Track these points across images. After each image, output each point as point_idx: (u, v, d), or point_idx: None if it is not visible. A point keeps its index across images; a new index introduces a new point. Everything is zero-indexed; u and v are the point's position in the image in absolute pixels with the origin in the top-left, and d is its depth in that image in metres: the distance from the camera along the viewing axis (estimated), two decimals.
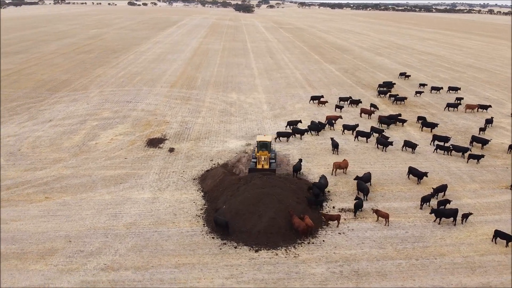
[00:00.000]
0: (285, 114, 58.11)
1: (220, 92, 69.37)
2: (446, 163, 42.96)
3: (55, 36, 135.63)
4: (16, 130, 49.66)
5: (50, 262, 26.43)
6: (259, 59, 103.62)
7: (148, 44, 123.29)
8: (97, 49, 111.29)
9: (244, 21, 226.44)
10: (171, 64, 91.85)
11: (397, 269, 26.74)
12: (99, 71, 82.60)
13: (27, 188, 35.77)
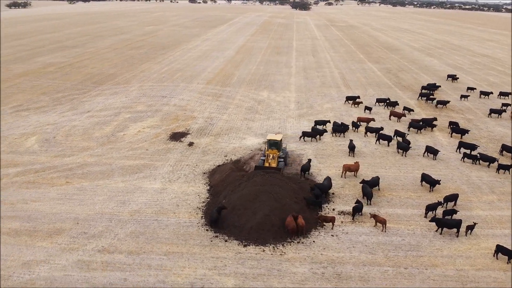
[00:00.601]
0: (310, 114, 57.94)
1: (252, 90, 70.44)
2: (468, 172, 40.84)
3: (112, 32, 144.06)
4: (56, 119, 54.10)
5: (55, 240, 29.05)
6: (301, 57, 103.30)
7: (197, 41, 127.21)
8: (148, 45, 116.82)
9: (297, 19, 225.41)
10: (213, 62, 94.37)
11: (381, 276, 26.29)
12: (144, 67, 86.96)
13: (52, 173, 39.17)
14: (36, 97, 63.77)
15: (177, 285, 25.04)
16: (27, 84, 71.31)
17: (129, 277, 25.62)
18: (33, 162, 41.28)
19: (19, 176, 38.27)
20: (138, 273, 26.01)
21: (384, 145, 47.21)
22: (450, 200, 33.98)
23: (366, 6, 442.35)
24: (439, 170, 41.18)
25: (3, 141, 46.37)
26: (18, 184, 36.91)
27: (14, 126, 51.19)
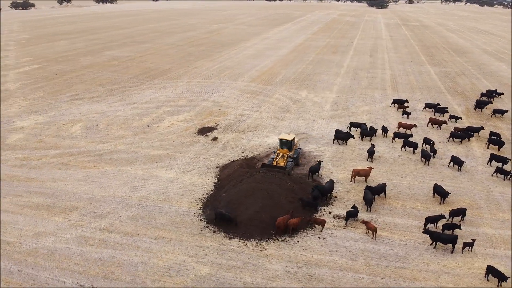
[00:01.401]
0: (344, 116, 57.12)
1: (292, 89, 70.83)
2: (491, 187, 38.03)
3: (181, 29, 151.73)
4: (104, 108, 59.34)
5: (67, 216, 32.67)
6: (356, 57, 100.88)
7: (256, 40, 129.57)
8: (209, 43, 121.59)
9: (368, 17, 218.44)
10: (264, 60, 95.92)
11: (354, 283, 26.07)
12: (198, 64, 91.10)
13: (85, 157, 43.52)
14: (93, 87, 70.24)
15: (156, 267, 27.11)
16: (89, 75, 78.62)
17: (117, 255, 28.21)
18: (71, 146, 46.13)
19: (56, 158, 43.12)
20: (126, 253, 28.51)
21: (410, 152, 45.40)
22: (456, 214, 32.16)
23: (450, 5, 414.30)
24: (460, 182, 38.85)
25: (53, 126, 52.16)
26: (53, 164, 41.67)
27: (66, 113, 57.21)
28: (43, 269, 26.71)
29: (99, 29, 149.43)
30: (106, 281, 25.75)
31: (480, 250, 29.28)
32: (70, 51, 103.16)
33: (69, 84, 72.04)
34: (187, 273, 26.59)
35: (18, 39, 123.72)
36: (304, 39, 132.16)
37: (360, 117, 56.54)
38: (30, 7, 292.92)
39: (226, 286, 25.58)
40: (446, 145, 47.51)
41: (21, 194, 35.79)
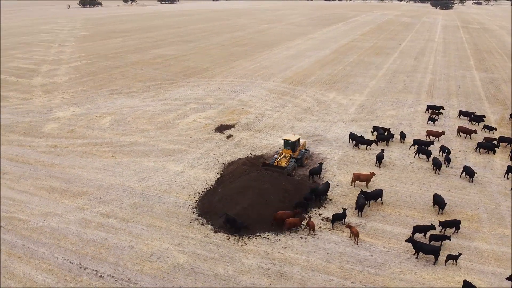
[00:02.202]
0: (366, 119, 56.19)
1: (322, 90, 70.55)
2: (501, 200, 36.00)
3: (230, 29, 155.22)
4: (137, 103, 63.09)
5: (76, 200, 35.79)
6: (400, 59, 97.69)
7: (301, 40, 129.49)
8: (253, 43, 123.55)
9: (426, 18, 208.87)
10: (302, 61, 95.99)
11: (322, 284, 26.33)
12: (236, 63, 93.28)
13: (106, 147, 46.94)
14: (132, 83, 74.68)
15: (140, 253, 29.13)
16: (132, 72, 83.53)
17: (109, 238, 30.62)
18: (97, 137, 49.88)
19: (81, 147, 46.94)
20: (118, 237, 30.84)
21: (424, 159, 43.95)
22: (448, 225, 31.02)
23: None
24: (467, 193, 37.17)
25: (86, 117, 56.55)
26: (77, 153, 45.45)
27: (101, 106, 61.62)
28: (42, 245, 29.74)
29: (153, 27, 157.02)
30: (92, 261, 28.17)
31: (465, 264, 28.17)
32: (121, 48, 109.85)
33: (111, 80, 77.17)
34: (166, 260, 28.34)
35: (78, 35, 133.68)
36: (350, 40, 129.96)
37: (383, 122, 55.39)
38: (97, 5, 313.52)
39: (199, 275, 26.98)
40: (465, 154, 45.40)
41: (41, 178, 39.64)
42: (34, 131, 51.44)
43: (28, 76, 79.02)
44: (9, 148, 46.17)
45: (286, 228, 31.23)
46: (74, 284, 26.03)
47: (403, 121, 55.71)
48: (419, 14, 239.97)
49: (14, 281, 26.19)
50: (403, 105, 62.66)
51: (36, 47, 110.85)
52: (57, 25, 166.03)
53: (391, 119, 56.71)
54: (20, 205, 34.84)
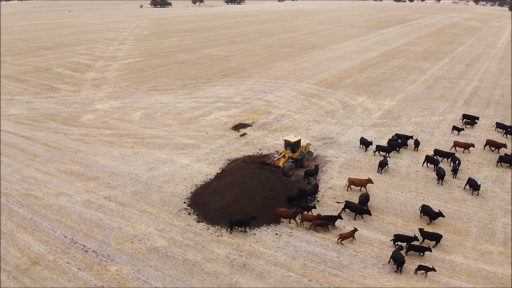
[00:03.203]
0: (388, 125, 55.20)
1: (352, 93, 69.91)
2: (498, 216, 34.30)
3: (283, 30, 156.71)
4: (170, 100, 67.18)
5: (87, 184, 39.84)
6: (449, 65, 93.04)
7: (351, 42, 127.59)
8: (301, 44, 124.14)
9: (496, 23, 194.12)
10: (344, 63, 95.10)
11: (280, 279, 27.40)
12: (276, 64, 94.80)
13: (129, 138, 51.05)
14: (172, 81, 79.28)
15: (125, 234, 32.11)
16: (176, 70, 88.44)
17: (103, 219, 34.02)
18: (124, 129, 54.31)
19: (107, 137, 51.51)
20: (112, 218, 34.14)
21: (431, 169, 42.65)
22: (429, 237, 30.30)
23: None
24: (465, 206, 35.78)
25: (121, 110, 61.49)
26: (102, 142, 50.00)
27: (138, 101, 66.50)
28: (47, 220, 33.85)
29: (211, 28, 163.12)
30: (83, 237, 31.65)
31: (434, 276, 27.62)
32: (174, 48, 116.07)
33: (155, 77, 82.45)
34: (145, 243, 31.04)
35: (139, 34, 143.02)
36: (403, 43, 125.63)
37: (404, 128, 54.09)
38: (167, 6, 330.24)
39: (169, 259, 29.31)
40: (480, 166, 43.29)
41: (65, 162, 44.45)
42: (72, 121, 57.21)
43: (83, 71, 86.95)
44: (46, 134, 52.01)
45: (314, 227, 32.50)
46: (62, 255, 29.60)
47: (425, 129, 53.97)
48: (490, 18, 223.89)
49: (14, 248, 30.36)
50: (433, 113, 60.40)
51: (99, 44, 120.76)
52: (124, 24, 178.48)
53: (414, 126, 55.13)
54: (40, 184, 39.61)
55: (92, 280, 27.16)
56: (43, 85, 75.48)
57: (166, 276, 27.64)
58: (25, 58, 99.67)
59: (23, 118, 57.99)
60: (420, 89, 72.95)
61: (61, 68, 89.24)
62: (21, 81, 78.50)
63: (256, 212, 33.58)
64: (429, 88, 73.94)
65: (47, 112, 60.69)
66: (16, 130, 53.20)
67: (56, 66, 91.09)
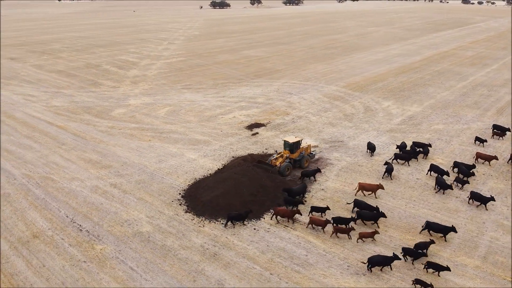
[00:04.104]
0: (405, 131, 54.05)
1: (379, 97, 68.73)
2: (488, 230, 33.09)
3: (330, 32, 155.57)
4: (198, 98, 70.37)
5: (99, 171, 43.66)
6: (495, 72, 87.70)
7: (397, 45, 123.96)
8: (344, 46, 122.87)
9: None
10: (381, 67, 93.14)
11: (243, 270, 28.83)
12: (311, 66, 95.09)
13: (149, 132, 54.64)
14: (205, 80, 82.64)
15: (118, 218, 35.13)
16: (212, 70, 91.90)
17: (104, 203, 37.36)
18: (148, 123, 58.12)
19: (130, 130, 55.50)
20: (111, 203, 37.40)
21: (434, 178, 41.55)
22: (420, 248, 29.89)
23: None
24: (456, 217, 34.76)
25: (150, 106, 65.62)
26: (125, 134, 54.03)
27: (168, 98, 70.43)
28: (56, 200, 37.87)
29: (259, 29, 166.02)
30: (82, 218, 35.12)
31: (396, 282, 27.53)
32: (217, 48, 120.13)
33: (190, 76, 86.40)
34: (132, 227, 33.83)
35: (190, 35, 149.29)
36: (454, 47, 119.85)
37: (421, 135, 52.72)
38: (226, 7, 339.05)
39: (149, 243, 31.80)
40: (488, 178, 41.42)
41: (87, 150, 48.85)
42: (104, 114, 62.18)
43: (127, 68, 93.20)
44: (78, 125, 57.17)
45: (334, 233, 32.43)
46: (59, 232, 33.22)
47: (443, 137, 52.19)
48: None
49: (22, 222, 34.51)
50: (458, 121, 58.01)
51: (149, 44, 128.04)
52: (179, 24, 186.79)
53: (432, 133, 53.49)
54: (59, 169, 44.10)
55: (78, 255, 30.37)
56: (88, 80, 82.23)
57: (142, 258, 30.15)
58: (80, 55, 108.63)
59: (63, 109, 64.05)
60: (453, 96, 69.99)
61: (109, 65, 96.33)
62: (70, 76, 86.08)
63: (240, 207, 35.18)
64: (464, 95, 70.67)
65: (84, 105, 66.40)
66: (53, 120, 59.04)
67: (105, 63, 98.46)
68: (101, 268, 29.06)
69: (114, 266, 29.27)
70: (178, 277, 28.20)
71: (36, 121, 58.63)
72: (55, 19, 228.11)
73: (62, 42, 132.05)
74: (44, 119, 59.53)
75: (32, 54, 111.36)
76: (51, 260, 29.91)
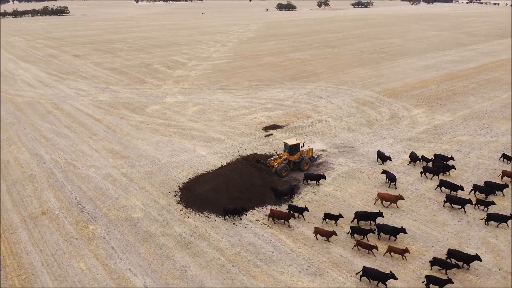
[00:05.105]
0: (422, 140, 52.30)
1: (411, 105, 66.53)
2: (472, 247, 31.53)
3: (387, 35, 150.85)
4: (228, 98, 73.17)
5: (117, 161, 47.92)
6: None
7: (453, 51, 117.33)
8: (394, 51, 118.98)
9: None
10: (427, 73, 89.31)
11: (209, 260, 30.80)
12: (352, 70, 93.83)
13: (172, 128, 58.36)
14: (242, 82, 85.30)
15: (117, 203, 38.73)
16: (252, 72, 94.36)
17: (110, 190, 41.29)
18: (174, 120, 61.97)
19: (157, 125, 59.63)
20: (116, 190, 41.22)
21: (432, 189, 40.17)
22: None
23: None
24: (440, 231, 33.75)
25: (182, 105, 69.64)
26: (150, 129, 58.22)
27: (201, 97, 74.09)
28: (71, 184, 42.55)
29: (314, 32, 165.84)
30: (87, 201, 39.29)
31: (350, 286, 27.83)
32: (265, 51, 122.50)
33: (229, 77, 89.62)
34: (126, 212, 37.22)
35: (244, 37, 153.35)
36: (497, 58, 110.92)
37: (439, 146, 50.81)
38: (292, 9, 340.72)
39: (135, 228, 34.89)
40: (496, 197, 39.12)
41: (112, 142, 53.64)
42: (139, 110, 67.28)
43: (175, 68, 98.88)
44: (113, 119, 62.64)
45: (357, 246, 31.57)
46: (64, 211, 37.57)
47: (463, 149, 49.77)
48: None
49: (38, 200, 39.44)
50: (488, 133, 54.73)
51: (203, 45, 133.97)
52: (238, 26, 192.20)
53: (452, 144, 51.21)
54: (83, 157, 49.14)
55: (73, 232, 34.34)
56: (136, 78, 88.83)
57: (125, 240, 33.32)
58: (137, 54, 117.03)
59: (105, 104, 70.33)
60: (493, 107, 65.69)
61: (159, 65, 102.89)
62: (122, 73, 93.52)
63: (227, 203, 37.13)
64: (505, 106, 65.99)
65: (125, 101, 72.24)
66: (93, 113, 65.24)
67: (156, 63, 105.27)
68: (87, 245, 32.68)
69: (99, 245, 32.75)
70: (149, 260, 30.92)
71: (79, 113, 65.24)
72: (129, 19, 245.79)
73: (126, 42, 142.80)
74: (86, 112, 65.99)
75: (95, 52, 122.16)
76: (50, 234, 34.17)
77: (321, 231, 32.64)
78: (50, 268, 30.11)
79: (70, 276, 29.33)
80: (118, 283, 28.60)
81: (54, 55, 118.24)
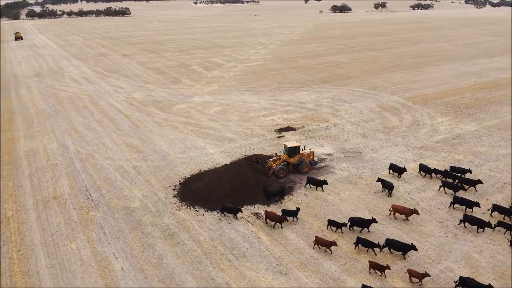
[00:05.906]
0: (436, 149, 50.67)
1: (437, 112, 64.28)
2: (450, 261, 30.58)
3: (435, 39, 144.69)
4: (253, 100, 74.76)
5: (132, 154, 51.30)
6: None
7: (504, 58, 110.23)
8: (440, 55, 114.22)
9: None
10: (466, 80, 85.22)
11: (185, 250, 32.66)
12: (387, 75, 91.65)
13: (191, 126, 61.05)
14: (271, 84, 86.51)
15: (120, 193, 41.78)
16: (285, 74, 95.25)
17: (118, 180, 44.51)
18: (195, 119, 64.71)
19: (177, 123, 62.66)
20: (122, 181, 44.34)
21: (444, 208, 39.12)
22: None
23: None
24: (422, 242, 32.96)
25: (207, 104, 72.30)
26: (170, 126, 61.35)
27: (227, 98, 76.36)
28: (86, 173, 46.37)
29: (360, 35, 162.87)
30: (94, 189, 42.74)
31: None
32: (303, 53, 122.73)
33: (260, 79, 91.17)
34: (125, 202, 40.09)
35: (288, 39, 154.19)
36: None
37: (452, 156, 49.09)
38: (347, 11, 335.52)
39: (129, 216, 37.59)
40: None
41: (133, 136, 57.30)
42: (166, 108, 70.90)
43: (211, 69, 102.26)
44: (140, 115, 66.64)
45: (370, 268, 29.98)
46: (72, 197, 41.23)
47: (476, 160, 47.65)
48: None
49: (53, 186, 43.52)
50: (510, 145, 51.75)
51: (245, 48, 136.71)
52: (285, 29, 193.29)
53: (467, 155, 49.15)
54: (103, 149, 53.11)
55: (74, 217, 37.75)
56: (172, 78, 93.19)
57: (116, 226, 36.13)
58: (180, 55, 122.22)
59: (137, 101, 74.85)
60: None
61: (197, 66, 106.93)
62: (161, 73, 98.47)
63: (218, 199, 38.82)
64: None
65: (156, 99, 76.36)
66: (124, 109, 69.79)
67: (195, 64, 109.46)
68: (83, 229, 35.87)
69: (93, 229, 35.80)
70: (132, 246, 33.40)
71: (111, 109, 70.12)
72: (183, 21, 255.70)
73: (173, 43, 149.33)
74: (118, 108, 70.73)
75: (142, 52, 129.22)
76: (55, 217, 37.83)
77: (321, 240, 32.02)
78: (46, 247, 33.54)
79: (61, 255, 32.52)
80: (99, 264, 31.32)
81: (104, 54, 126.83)
